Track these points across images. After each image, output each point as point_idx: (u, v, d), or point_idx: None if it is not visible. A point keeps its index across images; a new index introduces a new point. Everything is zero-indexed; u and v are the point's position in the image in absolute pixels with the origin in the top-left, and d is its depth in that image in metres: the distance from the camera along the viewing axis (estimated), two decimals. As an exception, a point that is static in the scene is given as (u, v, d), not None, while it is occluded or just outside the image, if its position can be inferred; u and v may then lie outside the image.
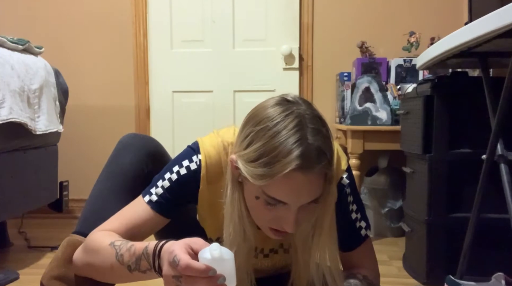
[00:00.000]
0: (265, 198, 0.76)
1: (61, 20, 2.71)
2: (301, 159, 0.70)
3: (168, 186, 0.89)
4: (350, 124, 2.10)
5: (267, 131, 0.73)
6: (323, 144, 0.74)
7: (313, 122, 0.74)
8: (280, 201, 0.75)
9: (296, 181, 0.72)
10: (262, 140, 0.73)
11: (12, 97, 1.61)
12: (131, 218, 0.88)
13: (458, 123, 1.52)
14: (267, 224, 0.81)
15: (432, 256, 1.55)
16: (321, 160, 0.73)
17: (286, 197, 0.74)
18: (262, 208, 0.78)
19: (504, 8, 0.91)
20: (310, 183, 0.73)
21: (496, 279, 1.16)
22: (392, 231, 2.23)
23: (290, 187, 0.73)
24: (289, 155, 0.70)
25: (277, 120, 0.73)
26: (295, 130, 0.72)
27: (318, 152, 0.72)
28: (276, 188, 0.73)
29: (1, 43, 1.70)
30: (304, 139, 0.71)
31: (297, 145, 0.71)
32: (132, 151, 0.97)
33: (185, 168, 0.90)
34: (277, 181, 0.72)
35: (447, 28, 1.66)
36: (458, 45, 1.14)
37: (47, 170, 1.98)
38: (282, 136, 0.71)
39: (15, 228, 2.21)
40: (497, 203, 1.30)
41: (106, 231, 0.85)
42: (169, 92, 2.70)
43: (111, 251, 0.79)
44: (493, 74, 1.76)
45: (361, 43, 2.40)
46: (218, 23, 2.63)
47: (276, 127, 0.72)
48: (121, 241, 0.80)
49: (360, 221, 0.97)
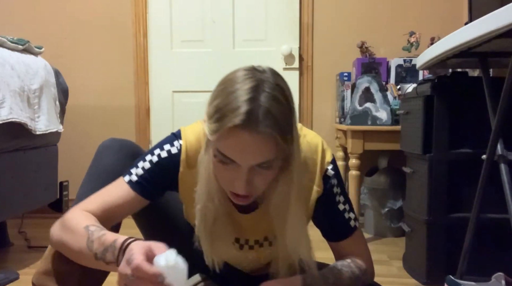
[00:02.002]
0: (218, 155, 0.78)
1: (61, 20, 2.71)
2: (246, 116, 0.72)
3: (149, 167, 0.92)
4: (350, 124, 2.10)
5: (226, 90, 0.76)
6: (274, 108, 0.74)
7: (271, 89, 0.76)
8: (229, 158, 0.77)
9: (241, 138, 0.74)
10: (220, 98, 0.76)
11: (12, 97, 1.61)
12: (110, 197, 0.90)
13: (458, 123, 1.52)
14: (227, 187, 0.83)
15: (432, 256, 1.55)
16: (267, 122, 0.73)
17: (232, 153, 0.76)
18: (219, 168, 0.81)
19: (504, 8, 0.91)
20: (255, 143, 0.74)
21: (496, 279, 1.16)
22: (392, 231, 2.23)
23: (235, 143, 0.75)
24: (235, 111, 0.73)
25: (237, 81, 0.76)
26: (250, 91, 0.74)
27: (265, 113, 0.73)
28: (224, 143, 0.76)
29: (1, 43, 1.70)
30: (254, 99, 0.73)
31: (246, 103, 0.73)
32: (111, 153, 1.00)
33: (166, 151, 0.93)
34: (224, 135, 0.75)
35: (447, 28, 1.67)
36: (458, 45, 1.14)
37: (47, 170, 1.98)
38: (235, 94, 0.74)
39: (15, 228, 2.21)
40: (497, 203, 1.30)
41: (85, 212, 0.87)
42: (169, 92, 2.70)
43: (84, 235, 0.80)
44: (493, 74, 1.76)
45: (361, 43, 2.40)
46: (218, 23, 2.63)
47: (234, 87, 0.75)
48: (96, 227, 0.81)
49: (349, 212, 0.98)
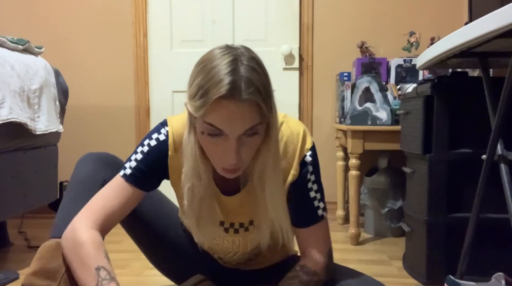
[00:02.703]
0: (207, 129, 0.83)
1: (61, 20, 2.71)
2: (230, 85, 0.78)
3: (141, 157, 0.98)
4: (350, 124, 2.10)
5: (205, 68, 0.81)
6: (254, 78, 0.80)
7: (248, 61, 0.81)
8: (218, 129, 0.82)
9: (228, 108, 0.79)
10: (201, 76, 0.81)
11: (12, 97, 1.61)
12: (110, 196, 0.96)
13: (458, 123, 1.52)
14: (216, 163, 0.88)
15: (432, 256, 1.55)
16: (250, 90, 0.79)
17: (221, 124, 0.81)
18: (208, 143, 0.85)
19: (504, 8, 0.91)
20: (241, 111, 0.80)
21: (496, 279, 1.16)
22: (392, 231, 2.24)
23: (223, 113, 0.80)
24: (219, 83, 0.78)
25: (215, 59, 0.81)
26: (229, 65, 0.80)
27: (247, 82, 0.79)
28: (212, 115, 0.81)
29: (1, 43, 1.70)
30: (235, 71, 0.79)
31: (227, 75, 0.78)
32: (88, 164, 1.07)
33: (155, 139, 0.99)
34: (212, 108, 0.80)
35: (447, 28, 1.67)
36: (458, 45, 1.14)
37: (47, 170, 1.98)
38: (216, 70, 0.80)
39: (15, 228, 2.21)
40: (497, 203, 1.30)
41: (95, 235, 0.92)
42: (169, 92, 2.70)
43: (93, 279, 0.86)
44: (493, 74, 1.76)
45: (361, 43, 2.40)
46: (218, 23, 2.63)
47: (213, 63, 0.81)
48: (107, 272, 0.86)
49: (319, 201, 1.02)
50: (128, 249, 1.45)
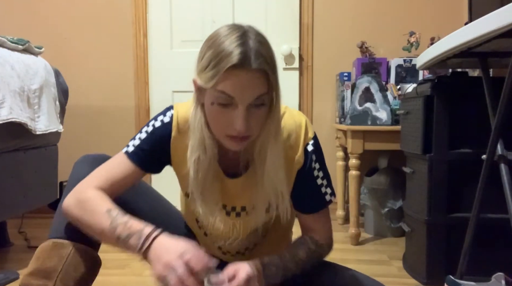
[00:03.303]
0: (217, 98, 0.87)
1: (61, 20, 2.71)
2: (240, 55, 0.84)
3: (144, 137, 1.02)
4: (350, 124, 2.10)
5: (215, 42, 0.88)
6: (262, 49, 0.87)
7: (256, 35, 0.88)
8: (229, 96, 0.86)
9: (239, 76, 0.85)
10: (211, 50, 0.88)
11: (12, 97, 1.61)
12: (112, 171, 1.00)
13: (458, 123, 1.52)
14: (224, 132, 0.91)
15: (432, 256, 1.55)
16: (259, 59, 0.85)
17: (233, 91, 0.86)
18: (218, 114, 0.89)
19: (504, 8, 0.91)
20: (251, 79, 0.86)
21: (496, 279, 1.16)
22: (392, 231, 2.24)
23: (235, 81, 0.86)
24: (231, 54, 0.84)
25: (224, 34, 0.88)
26: (238, 37, 0.86)
27: (256, 53, 0.85)
28: (224, 84, 0.86)
29: (1, 43, 1.70)
30: (244, 43, 0.86)
31: (237, 46, 0.85)
32: (85, 166, 1.08)
33: (160, 121, 1.03)
34: (224, 77, 0.85)
35: (447, 28, 1.66)
36: (458, 45, 1.14)
37: (47, 170, 1.98)
38: (226, 43, 0.86)
39: (15, 228, 2.21)
40: (497, 203, 1.30)
41: (100, 192, 0.96)
42: (169, 92, 2.70)
43: (107, 219, 0.90)
44: (493, 74, 1.76)
45: (361, 43, 2.40)
46: (218, 23, 2.62)
47: (222, 38, 0.87)
48: (117, 211, 0.90)
49: (326, 187, 1.06)
50: (128, 249, 1.44)
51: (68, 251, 0.98)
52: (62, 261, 0.97)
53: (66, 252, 0.98)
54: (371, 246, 2.11)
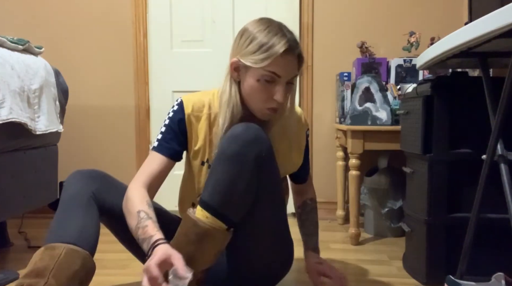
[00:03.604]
0: (265, 76, 1.12)
1: (61, 20, 2.71)
2: (288, 43, 1.12)
3: (164, 129, 1.23)
4: (350, 124, 2.10)
5: (260, 33, 1.12)
6: (295, 37, 1.17)
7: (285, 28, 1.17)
8: (276, 75, 1.12)
9: (288, 58, 1.13)
10: (259, 38, 1.12)
11: (12, 97, 1.61)
12: (148, 165, 1.18)
13: (458, 123, 1.52)
14: (263, 105, 1.16)
15: (432, 256, 1.55)
16: (298, 45, 1.16)
17: (281, 71, 1.13)
18: (261, 89, 1.14)
19: (504, 8, 0.91)
20: (294, 60, 1.15)
21: (496, 279, 1.16)
22: (392, 231, 2.24)
23: (284, 62, 1.12)
24: (280, 42, 1.11)
25: (265, 26, 1.14)
26: (280, 29, 1.14)
27: (295, 40, 1.15)
28: (274, 65, 1.11)
29: (1, 43, 1.70)
30: (285, 34, 1.13)
31: (284, 36, 1.12)
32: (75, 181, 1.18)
33: (172, 112, 1.25)
34: (276, 60, 1.11)
35: (447, 28, 1.66)
36: (458, 45, 1.14)
37: (47, 170, 1.98)
38: (271, 33, 1.12)
39: (15, 228, 2.21)
40: (497, 203, 1.30)
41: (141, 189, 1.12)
42: (169, 92, 2.70)
43: (135, 219, 1.02)
44: (493, 74, 1.76)
45: (361, 43, 2.40)
46: (218, 23, 2.63)
47: (267, 30, 1.13)
48: (144, 214, 1.02)
49: (309, 161, 1.47)
50: (128, 249, 1.44)
51: (60, 251, 1.02)
52: (54, 260, 1.00)
53: (58, 252, 1.02)
54: (371, 246, 2.11)
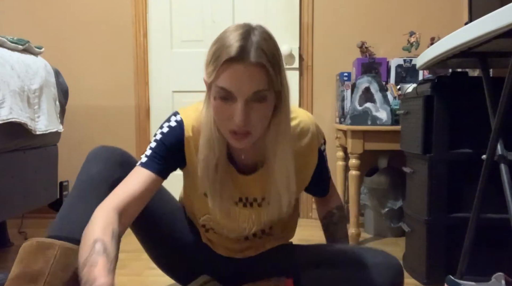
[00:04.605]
0: (218, 93, 0.89)
1: (61, 20, 2.71)
2: (239, 49, 0.84)
3: (155, 145, 1.02)
4: (350, 124, 2.09)
5: (219, 39, 0.89)
6: (263, 44, 0.86)
7: (261, 32, 0.88)
8: (226, 90, 0.87)
9: (236, 69, 0.85)
10: (215, 45, 0.89)
11: (12, 97, 1.61)
12: (129, 183, 0.97)
13: (458, 123, 1.52)
14: (227, 128, 0.92)
15: (432, 256, 1.55)
16: (257, 53, 0.85)
17: (230, 85, 0.87)
18: (220, 108, 0.90)
19: (504, 8, 0.91)
20: (249, 72, 0.85)
21: (496, 279, 1.17)
22: (392, 231, 2.24)
23: (232, 74, 0.86)
24: (230, 47, 0.85)
25: (229, 31, 0.89)
26: (242, 33, 0.87)
27: (257, 47, 0.85)
28: (221, 78, 0.87)
29: (1, 43, 1.70)
30: (246, 38, 0.86)
31: (238, 40, 0.85)
32: (100, 161, 1.05)
33: (166, 127, 1.04)
34: (222, 70, 0.86)
35: (447, 28, 1.66)
36: (458, 45, 1.14)
37: (47, 170, 1.98)
38: (229, 38, 0.87)
39: (15, 228, 2.21)
40: (497, 203, 1.30)
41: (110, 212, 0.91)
42: (169, 92, 2.70)
43: (86, 250, 0.82)
44: (493, 74, 1.76)
45: (361, 43, 2.40)
46: (218, 23, 2.63)
47: (227, 34, 0.88)
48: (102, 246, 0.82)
49: (329, 172, 1.24)
50: (128, 249, 1.45)
51: (55, 252, 0.91)
52: (48, 263, 0.90)
53: (52, 253, 0.91)
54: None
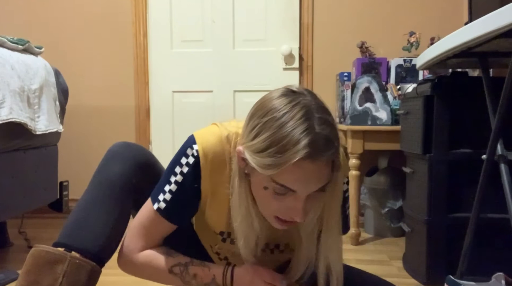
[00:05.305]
0: (274, 187, 0.77)
1: (61, 20, 2.71)
2: (309, 148, 0.72)
3: (176, 189, 0.89)
4: (350, 124, 2.09)
5: (274, 121, 0.74)
6: (330, 132, 0.75)
7: (319, 112, 0.76)
8: (289, 189, 0.76)
9: (305, 169, 0.73)
10: (270, 131, 0.74)
11: (12, 97, 1.61)
12: (150, 232, 0.93)
13: (458, 123, 1.52)
14: (274, 214, 0.81)
15: (432, 256, 1.55)
16: (329, 148, 0.74)
17: (296, 185, 0.75)
18: (270, 198, 0.79)
19: (504, 8, 0.91)
20: (319, 170, 0.75)
21: (496, 279, 1.16)
22: (392, 231, 2.23)
23: (299, 175, 0.74)
24: (297, 144, 0.71)
25: (284, 111, 0.74)
26: (303, 120, 0.73)
27: (325, 140, 0.73)
28: (285, 176, 0.74)
29: (1, 43, 1.70)
30: (311, 129, 0.73)
31: (305, 134, 0.72)
32: (121, 160, 0.96)
33: (185, 165, 0.88)
34: (287, 169, 0.73)
35: (447, 28, 1.66)
36: (458, 45, 1.14)
37: (47, 170, 1.98)
38: (289, 126, 0.73)
39: (15, 228, 2.21)
40: (497, 203, 1.30)
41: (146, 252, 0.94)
42: (169, 92, 2.70)
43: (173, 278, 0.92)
44: (493, 74, 1.76)
45: (361, 43, 2.40)
46: (218, 23, 2.63)
47: (284, 117, 0.73)
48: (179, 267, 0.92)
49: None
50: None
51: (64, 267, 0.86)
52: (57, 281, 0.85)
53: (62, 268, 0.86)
54: (371, 246, 2.11)
